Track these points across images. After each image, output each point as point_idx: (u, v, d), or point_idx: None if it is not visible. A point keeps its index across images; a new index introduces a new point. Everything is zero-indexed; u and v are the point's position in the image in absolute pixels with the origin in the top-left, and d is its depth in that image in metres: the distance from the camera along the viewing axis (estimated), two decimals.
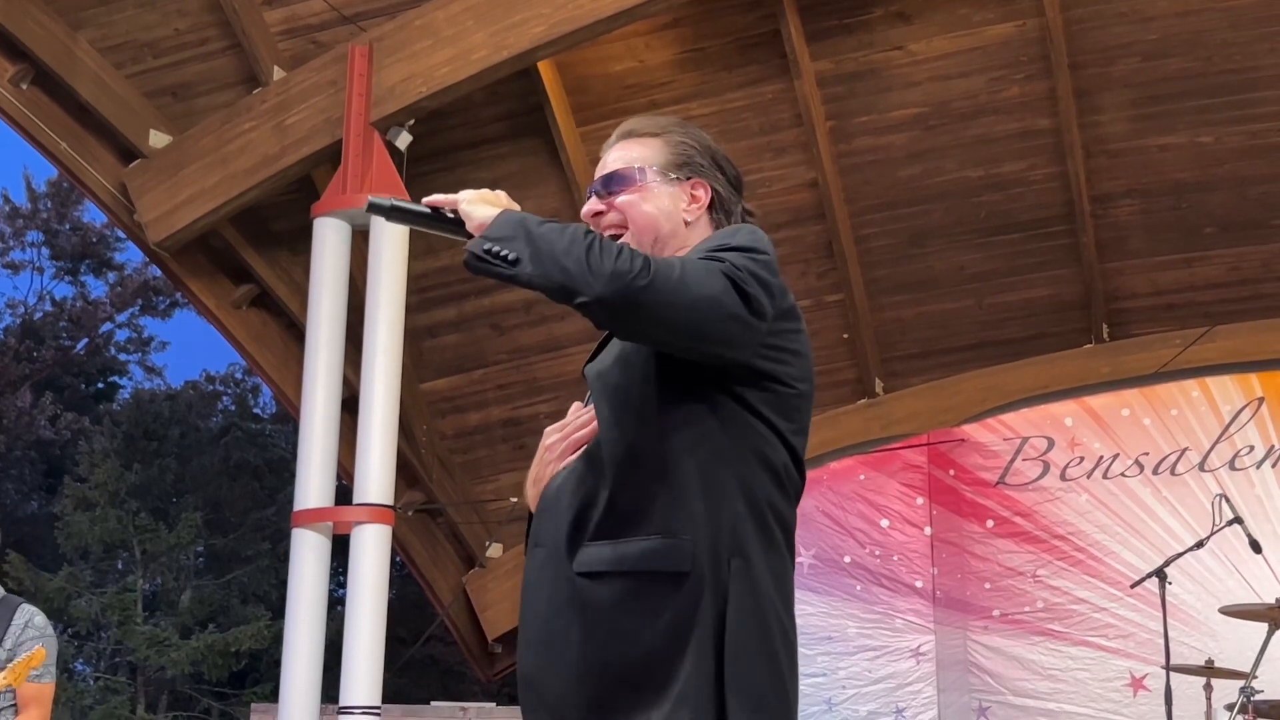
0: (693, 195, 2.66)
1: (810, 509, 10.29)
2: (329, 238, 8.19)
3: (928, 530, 10.13)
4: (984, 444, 10.19)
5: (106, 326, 27.96)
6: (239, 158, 8.60)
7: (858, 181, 9.68)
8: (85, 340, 27.95)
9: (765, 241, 2.50)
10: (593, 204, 2.67)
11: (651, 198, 2.63)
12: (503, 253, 2.38)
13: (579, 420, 2.55)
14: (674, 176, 2.65)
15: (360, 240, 8.27)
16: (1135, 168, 9.47)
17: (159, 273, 21.09)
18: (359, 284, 8.23)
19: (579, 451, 2.52)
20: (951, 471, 10.19)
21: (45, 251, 27.68)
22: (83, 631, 22.03)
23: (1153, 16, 8.81)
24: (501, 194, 2.54)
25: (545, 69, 8.81)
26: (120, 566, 23.27)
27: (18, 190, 29.37)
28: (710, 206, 2.66)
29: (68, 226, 27.32)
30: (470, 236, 2.49)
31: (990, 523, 9.99)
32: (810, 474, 10.39)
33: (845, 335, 10.31)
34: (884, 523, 10.26)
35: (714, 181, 2.67)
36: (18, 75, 8.64)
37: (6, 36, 8.48)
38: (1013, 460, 10.07)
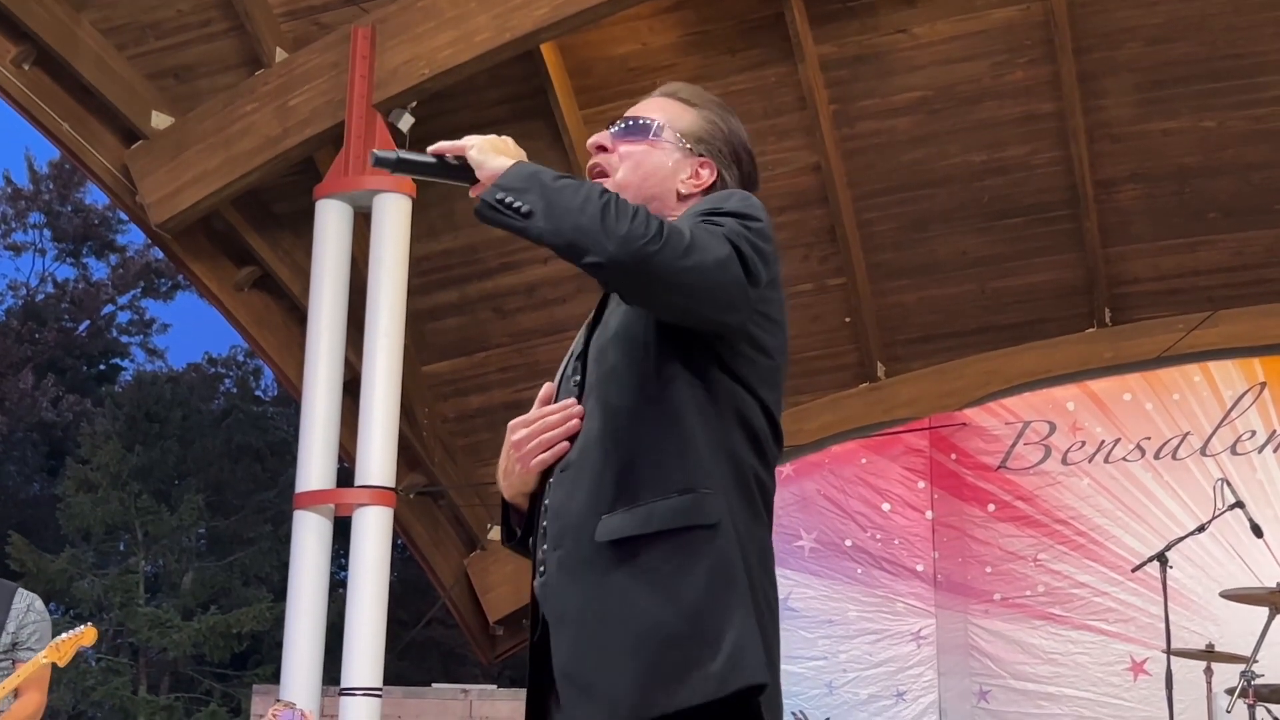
0: (697, 171, 2.63)
1: (811, 492, 10.30)
2: (331, 220, 8.19)
3: (929, 514, 10.14)
4: (985, 428, 10.19)
5: (108, 308, 28.01)
6: (241, 140, 8.60)
7: (860, 165, 9.67)
8: (87, 322, 27.97)
9: (759, 207, 2.49)
10: (603, 137, 2.66)
11: (655, 155, 2.62)
12: (515, 204, 2.35)
13: (548, 420, 2.51)
14: (687, 146, 2.63)
15: (362, 222, 8.27)
16: (1139, 152, 9.46)
17: (161, 255, 21.08)
18: (361, 266, 8.23)
19: (552, 451, 2.50)
20: (953, 455, 10.20)
21: (47, 233, 27.71)
22: (85, 613, 22.03)
23: (1157, 1, 8.79)
24: (509, 140, 2.51)
25: (548, 51, 8.80)
26: (122, 548, 23.29)
27: (20, 172, 29.44)
28: (710, 190, 2.63)
29: (70, 208, 27.34)
30: (476, 182, 2.47)
31: (991, 507, 9.99)
32: (811, 457, 10.49)
33: (847, 319, 10.31)
34: (885, 506, 10.26)
35: (724, 169, 2.65)
36: (20, 56, 8.63)
37: (9, 17, 8.47)
38: (1014, 444, 10.07)
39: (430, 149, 2.54)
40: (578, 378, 2.55)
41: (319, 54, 8.52)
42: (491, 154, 2.46)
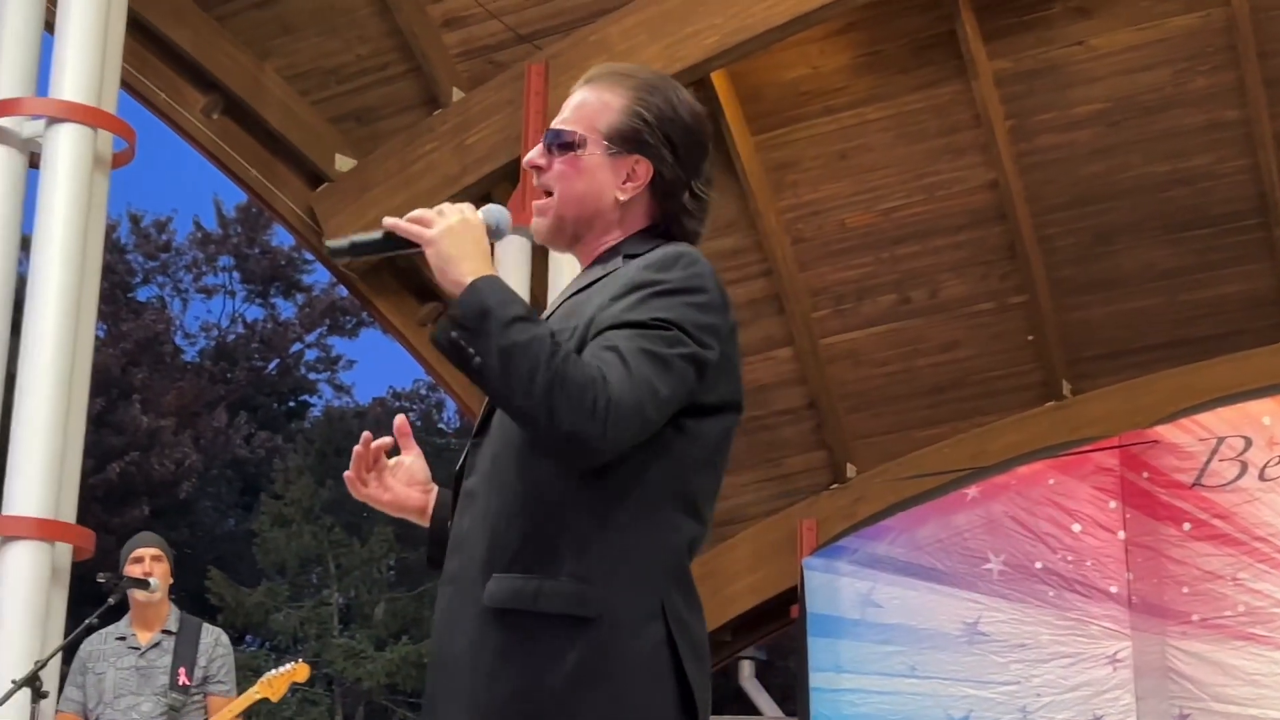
0: (633, 171, 2.45)
1: (999, 514, 10.15)
2: (509, 254, 8.30)
3: (1121, 534, 9.92)
4: (1178, 445, 9.94)
5: (296, 346, 28.73)
6: (422, 178, 8.78)
7: (1039, 180, 9.53)
8: (276, 360, 28.74)
9: (706, 273, 2.33)
10: (538, 155, 2.49)
11: (585, 173, 2.44)
12: (469, 350, 2.19)
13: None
14: (614, 150, 2.45)
15: (540, 256, 8.38)
16: None
17: (345, 293, 21.56)
18: (540, 299, 8.33)
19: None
20: (1145, 474, 9.97)
21: (236, 275, 28.55)
22: (282, 645, 22.61)
23: None
24: (470, 221, 2.33)
25: (718, 79, 8.84)
26: (315, 581, 23.84)
27: (209, 216, 30.37)
28: (652, 185, 2.46)
29: (257, 250, 28.14)
30: (417, 248, 2.32)
31: (1187, 525, 9.74)
32: (998, 479, 10.34)
33: (1030, 337, 10.17)
34: (1076, 527, 10.07)
35: (658, 162, 2.44)
36: (209, 106, 8.92)
37: (197, 69, 8.76)
38: (1209, 461, 9.81)
39: (386, 222, 2.34)
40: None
41: (494, 92, 8.67)
42: (452, 256, 2.28)
